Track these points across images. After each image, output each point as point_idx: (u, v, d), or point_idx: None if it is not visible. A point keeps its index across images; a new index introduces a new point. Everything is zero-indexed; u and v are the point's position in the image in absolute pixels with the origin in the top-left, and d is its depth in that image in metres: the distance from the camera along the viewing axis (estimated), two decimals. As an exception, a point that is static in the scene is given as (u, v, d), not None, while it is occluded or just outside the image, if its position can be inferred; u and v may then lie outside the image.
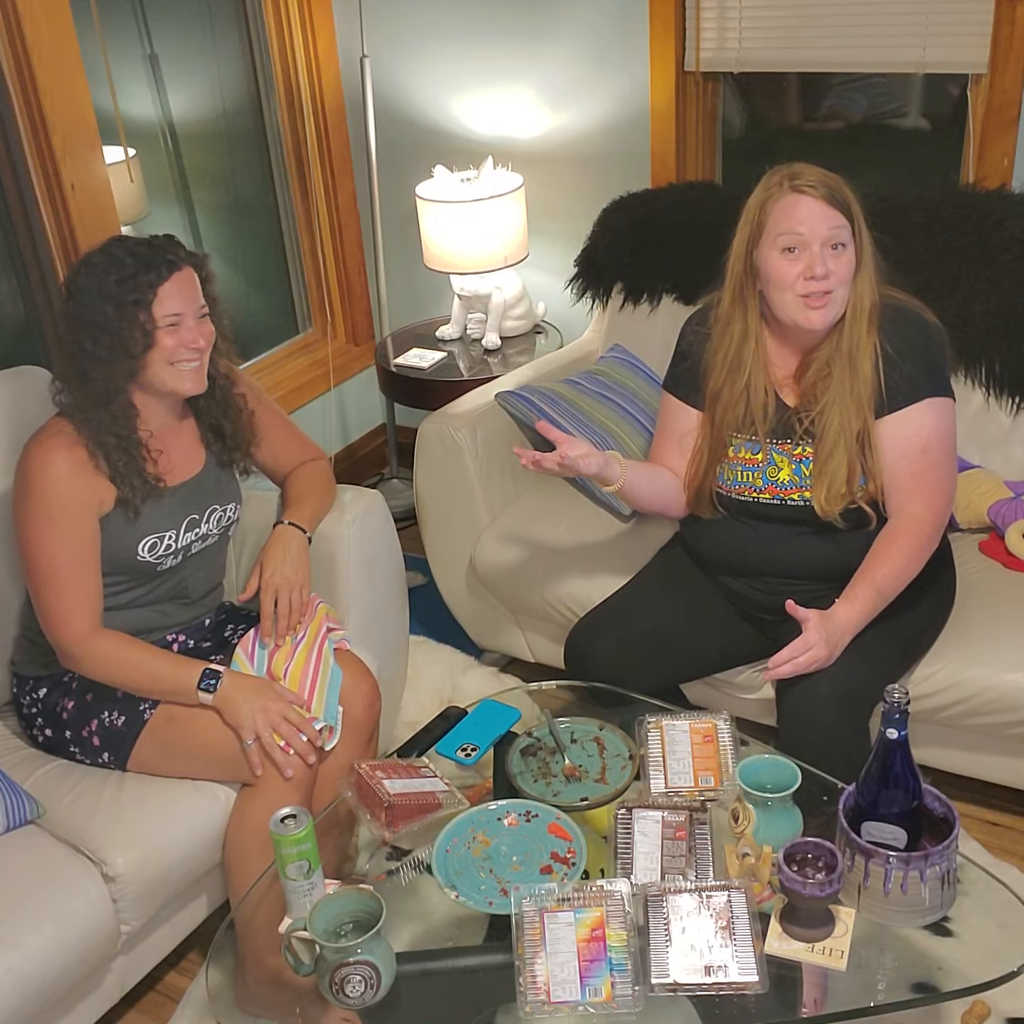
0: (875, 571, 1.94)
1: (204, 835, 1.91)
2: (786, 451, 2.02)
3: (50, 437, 1.87)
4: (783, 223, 1.89)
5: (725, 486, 2.07)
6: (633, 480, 2.05)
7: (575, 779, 1.78)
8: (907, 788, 1.50)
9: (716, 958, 1.47)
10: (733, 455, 2.06)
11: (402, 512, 3.35)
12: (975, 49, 2.56)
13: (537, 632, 2.64)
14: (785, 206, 1.89)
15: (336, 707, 1.98)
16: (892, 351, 1.94)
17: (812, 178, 1.89)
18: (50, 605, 1.89)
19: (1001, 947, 1.54)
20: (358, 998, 1.44)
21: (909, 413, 1.95)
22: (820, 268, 1.87)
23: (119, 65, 2.89)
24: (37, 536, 1.86)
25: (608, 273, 2.89)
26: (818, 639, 1.86)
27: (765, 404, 2.02)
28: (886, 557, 1.95)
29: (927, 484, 1.96)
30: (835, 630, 1.89)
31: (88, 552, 1.89)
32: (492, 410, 2.64)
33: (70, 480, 1.85)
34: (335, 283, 3.61)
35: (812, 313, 1.92)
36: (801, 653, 1.86)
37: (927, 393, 1.95)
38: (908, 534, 1.95)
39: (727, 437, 2.06)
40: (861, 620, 1.92)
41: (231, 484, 2.11)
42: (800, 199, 1.88)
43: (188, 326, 1.85)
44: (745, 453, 2.05)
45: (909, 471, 1.96)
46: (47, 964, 1.70)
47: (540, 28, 3.03)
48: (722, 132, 3.11)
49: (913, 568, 1.96)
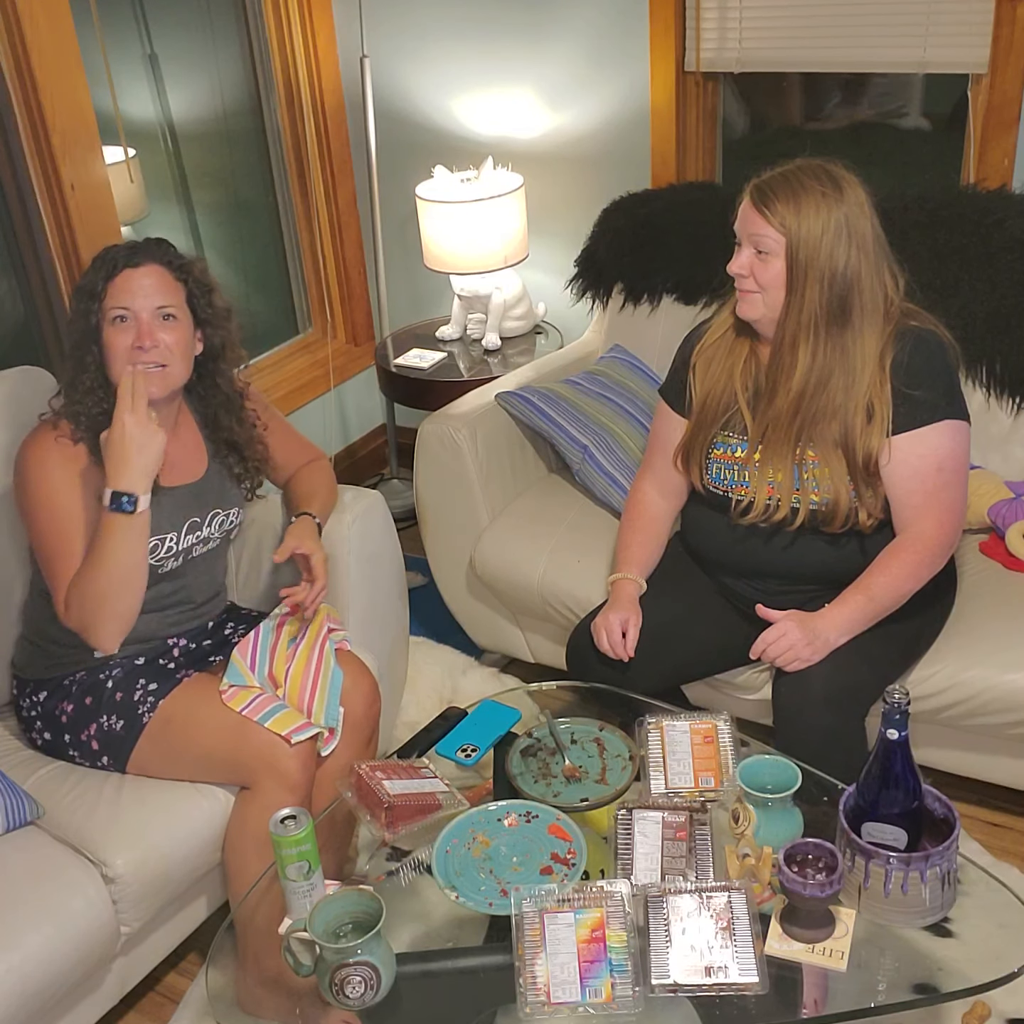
0: (871, 579, 1.95)
1: (204, 836, 1.91)
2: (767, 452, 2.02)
3: (45, 433, 1.88)
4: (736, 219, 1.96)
5: (722, 486, 2.07)
6: (648, 569, 2.18)
7: (575, 780, 1.78)
8: (907, 789, 1.50)
9: (716, 959, 1.47)
10: (729, 455, 2.06)
11: (402, 512, 3.35)
12: (975, 49, 2.56)
13: (537, 632, 2.64)
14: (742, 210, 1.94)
15: (337, 709, 1.98)
16: (910, 371, 1.92)
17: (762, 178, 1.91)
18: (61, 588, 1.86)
19: (1001, 948, 1.54)
20: (358, 999, 1.44)
21: (927, 432, 1.93)
22: (734, 265, 1.94)
23: (119, 65, 2.89)
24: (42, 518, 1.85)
25: (608, 273, 2.89)
26: (790, 625, 1.90)
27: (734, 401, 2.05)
28: (885, 568, 1.95)
29: (938, 503, 1.96)
30: (816, 629, 1.91)
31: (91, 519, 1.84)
32: (492, 410, 2.64)
33: (68, 470, 1.86)
34: (335, 283, 3.61)
35: (742, 307, 1.97)
36: (775, 638, 1.90)
37: (946, 415, 1.94)
38: (912, 549, 1.95)
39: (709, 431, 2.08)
40: (848, 624, 1.93)
41: (234, 490, 2.11)
42: (745, 200, 1.92)
43: (140, 324, 1.83)
44: (725, 452, 2.07)
45: (922, 489, 1.95)
46: (47, 964, 1.70)
47: (540, 28, 3.03)
48: (722, 132, 3.11)
49: (913, 583, 1.96)
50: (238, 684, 1.95)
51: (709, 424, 2.08)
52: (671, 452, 2.16)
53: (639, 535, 2.20)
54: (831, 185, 1.88)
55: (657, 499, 2.22)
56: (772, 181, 1.90)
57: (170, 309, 1.86)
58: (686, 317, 2.74)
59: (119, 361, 1.84)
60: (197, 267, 1.92)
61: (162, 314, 1.85)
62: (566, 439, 2.58)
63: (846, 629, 1.93)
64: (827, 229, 1.86)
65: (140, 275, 1.84)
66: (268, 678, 1.99)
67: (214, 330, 1.95)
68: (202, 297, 1.92)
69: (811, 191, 1.87)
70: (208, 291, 1.93)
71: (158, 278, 1.85)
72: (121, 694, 1.95)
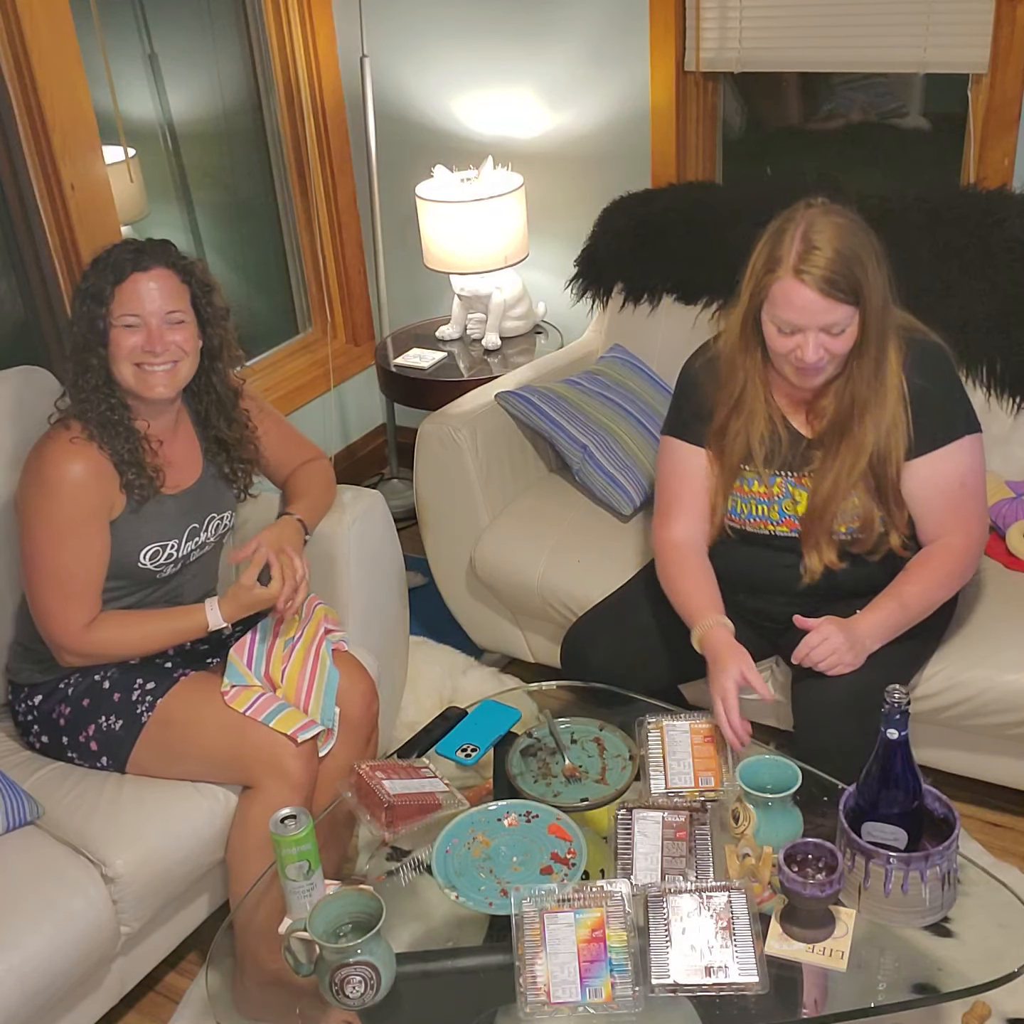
0: (903, 587, 1.93)
1: (204, 836, 1.91)
2: (804, 484, 1.98)
3: (65, 443, 1.84)
4: (780, 305, 1.80)
5: (739, 519, 2.03)
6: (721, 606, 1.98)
7: (575, 779, 1.78)
8: (907, 788, 1.50)
9: (716, 959, 1.47)
10: (747, 489, 2.02)
11: (402, 512, 3.35)
12: (975, 49, 2.56)
13: (537, 632, 2.64)
14: (783, 289, 1.79)
15: (332, 710, 1.98)
16: (924, 390, 1.90)
17: (818, 265, 1.75)
18: (49, 606, 1.88)
19: (1001, 947, 1.54)
20: (358, 999, 1.44)
21: (948, 451, 1.92)
22: (811, 355, 1.81)
23: (119, 65, 2.88)
24: (46, 541, 1.85)
25: (608, 273, 2.89)
26: (832, 630, 1.85)
27: (774, 435, 1.97)
28: (917, 577, 1.94)
29: (965, 516, 1.95)
30: (857, 635, 1.87)
31: (95, 558, 1.89)
32: (492, 410, 2.64)
33: (85, 486, 1.84)
34: (335, 283, 3.61)
35: (804, 378, 1.88)
36: (818, 643, 1.85)
37: (964, 430, 1.93)
38: (942, 559, 1.94)
39: (737, 471, 2.01)
40: (883, 631, 1.91)
41: (227, 492, 2.11)
42: (799, 289, 1.77)
43: (150, 328, 1.83)
44: (759, 487, 2.01)
45: (947, 505, 1.94)
46: (47, 964, 1.70)
47: (540, 28, 3.03)
48: (722, 132, 3.11)
49: (944, 593, 1.96)
50: (240, 684, 1.95)
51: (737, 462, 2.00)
52: (698, 487, 2.05)
53: (692, 580, 2.02)
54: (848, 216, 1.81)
55: (693, 539, 2.06)
56: (817, 263, 1.75)
57: (178, 314, 1.86)
58: (686, 317, 2.74)
59: (125, 361, 1.84)
60: (199, 268, 1.92)
61: (170, 318, 1.85)
62: (566, 439, 2.58)
63: (880, 635, 1.90)
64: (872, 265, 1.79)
65: (148, 279, 1.83)
66: (265, 678, 1.99)
67: (213, 330, 1.95)
68: (203, 297, 1.92)
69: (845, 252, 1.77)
70: (209, 291, 1.93)
71: (165, 281, 1.85)
72: (119, 694, 1.94)
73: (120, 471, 1.88)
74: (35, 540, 1.86)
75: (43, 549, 1.86)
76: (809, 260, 1.76)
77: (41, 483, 1.85)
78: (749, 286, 1.87)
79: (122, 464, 1.88)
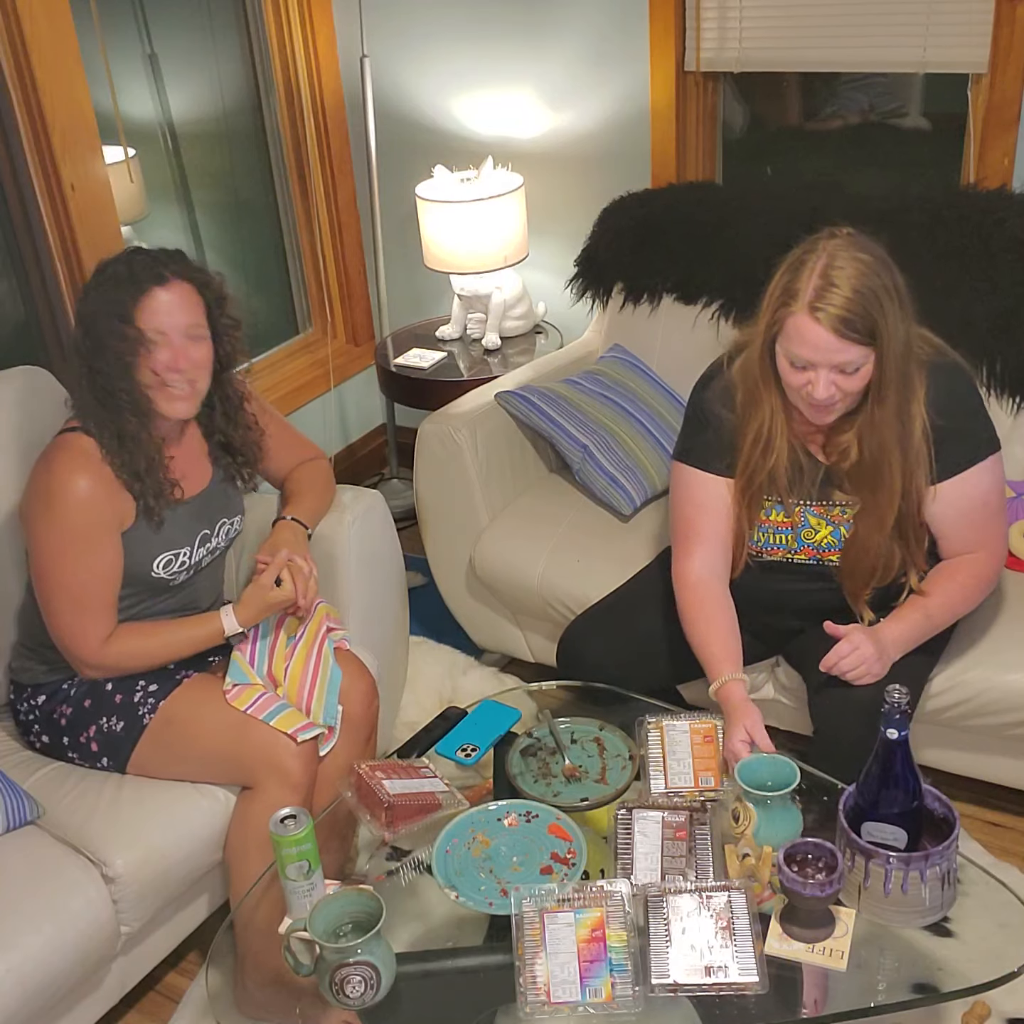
0: (928, 600, 1.93)
1: (204, 836, 1.91)
2: (821, 513, 1.97)
3: (73, 457, 1.83)
4: (793, 340, 1.76)
5: (756, 547, 2.02)
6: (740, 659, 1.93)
7: (575, 779, 1.78)
8: (907, 788, 1.50)
9: (716, 959, 1.47)
10: (764, 518, 2.00)
11: (402, 512, 3.35)
12: (975, 49, 2.56)
13: (537, 632, 2.64)
14: (797, 325, 1.75)
15: (335, 707, 1.98)
16: (943, 422, 1.87)
17: (835, 304, 1.71)
18: (66, 622, 1.87)
19: (1001, 947, 1.54)
20: (358, 998, 1.44)
21: (971, 474, 1.91)
22: (822, 392, 1.77)
23: (119, 65, 2.88)
24: (58, 557, 1.84)
25: (608, 273, 2.89)
26: (862, 638, 1.83)
27: (795, 463, 1.95)
28: (942, 589, 1.93)
29: (988, 533, 1.96)
30: (883, 644, 1.86)
31: (109, 571, 1.88)
32: (492, 410, 2.64)
33: (94, 501, 1.83)
34: (335, 283, 3.61)
35: (816, 414, 1.86)
36: (848, 652, 1.83)
37: (987, 451, 1.92)
38: (967, 572, 1.94)
39: (761, 501, 1.99)
40: (907, 641, 1.90)
41: (236, 496, 2.11)
42: (812, 327, 1.73)
43: (173, 345, 1.81)
44: (777, 516, 1.99)
45: (971, 525, 1.94)
46: (47, 964, 1.70)
47: (540, 28, 3.03)
48: (722, 132, 3.11)
49: (967, 607, 1.96)
50: (241, 683, 1.96)
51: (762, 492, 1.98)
52: (717, 515, 2.00)
53: (713, 627, 1.96)
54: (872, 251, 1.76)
55: (712, 579, 2.00)
56: (834, 301, 1.71)
57: (198, 329, 1.84)
58: (686, 317, 2.74)
59: (146, 377, 1.82)
60: (215, 281, 1.90)
61: (191, 332, 1.83)
62: (566, 439, 2.58)
63: (904, 646, 1.90)
64: (892, 307, 1.75)
65: (167, 293, 1.79)
66: (267, 676, 1.99)
67: (226, 340, 1.94)
68: (217, 309, 1.90)
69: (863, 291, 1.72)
70: (223, 302, 1.91)
71: (184, 295, 1.82)
72: (121, 696, 1.94)
73: (132, 484, 1.87)
74: (46, 556, 1.85)
75: (55, 565, 1.85)
76: (826, 298, 1.71)
77: (50, 498, 1.83)
78: (765, 316, 1.82)
79: (136, 477, 1.87)
